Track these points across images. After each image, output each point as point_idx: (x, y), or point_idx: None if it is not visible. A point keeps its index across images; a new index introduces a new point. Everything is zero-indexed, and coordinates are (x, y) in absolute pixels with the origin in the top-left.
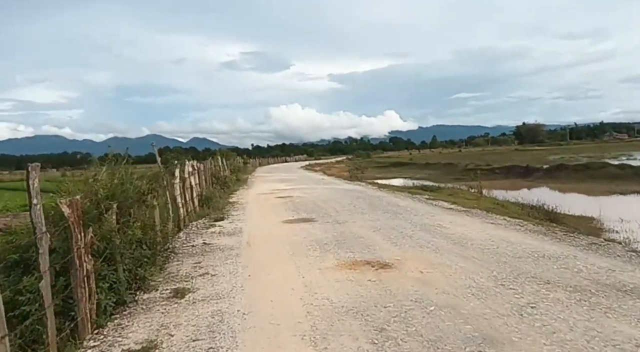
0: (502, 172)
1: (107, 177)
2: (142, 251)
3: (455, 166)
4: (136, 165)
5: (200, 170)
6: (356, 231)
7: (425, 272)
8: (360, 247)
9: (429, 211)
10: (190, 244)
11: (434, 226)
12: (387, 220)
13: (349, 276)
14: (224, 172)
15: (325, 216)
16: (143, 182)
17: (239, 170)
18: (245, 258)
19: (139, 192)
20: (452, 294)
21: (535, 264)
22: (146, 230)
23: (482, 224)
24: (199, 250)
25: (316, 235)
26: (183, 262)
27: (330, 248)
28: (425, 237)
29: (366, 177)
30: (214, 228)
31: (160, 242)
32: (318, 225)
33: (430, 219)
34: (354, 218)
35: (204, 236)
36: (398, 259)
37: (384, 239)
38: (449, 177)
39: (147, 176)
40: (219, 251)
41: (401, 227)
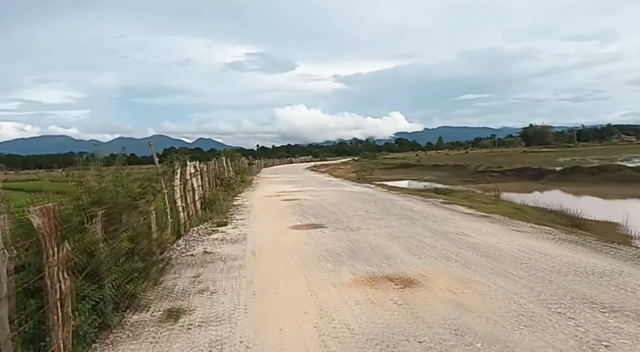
0: (513, 175)
1: (95, 180)
2: (133, 264)
3: (465, 168)
4: (141, 165)
5: (204, 172)
6: (371, 239)
7: (458, 292)
8: (378, 259)
9: (446, 216)
10: (189, 253)
11: (456, 234)
12: (403, 227)
13: (369, 295)
14: (229, 173)
15: (336, 222)
16: (135, 185)
17: (244, 171)
18: (250, 271)
19: (130, 197)
20: (498, 323)
21: (584, 282)
22: (139, 239)
23: (508, 231)
24: (199, 260)
25: (328, 244)
26: (180, 274)
27: (345, 260)
28: (449, 247)
29: (374, 178)
30: (216, 234)
31: (156, 252)
32: (329, 232)
33: (450, 225)
34: (367, 224)
35: (205, 243)
36: (423, 274)
37: (403, 249)
38: (458, 180)
39: (140, 179)
40: (221, 261)
41: (420, 236)
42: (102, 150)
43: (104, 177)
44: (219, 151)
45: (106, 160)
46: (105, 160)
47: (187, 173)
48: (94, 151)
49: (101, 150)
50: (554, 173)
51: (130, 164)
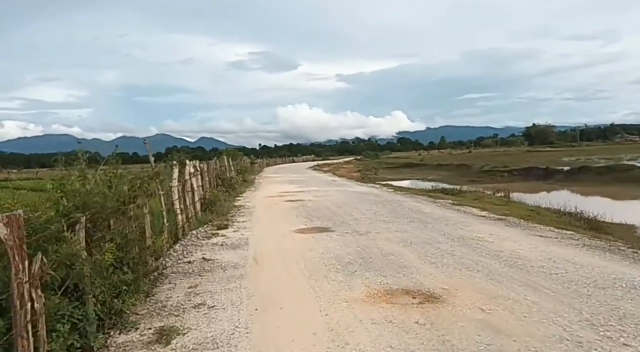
0: (520, 174)
1: (79, 182)
2: (122, 275)
3: (469, 168)
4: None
5: (204, 171)
6: (383, 245)
7: (487, 309)
8: (392, 269)
9: (460, 219)
10: (187, 260)
11: (474, 239)
12: (415, 231)
13: (386, 313)
14: (230, 173)
15: (343, 225)
16: (124, 188)
17: (245, 170)
18: (252, 281)
19: (119, 200)
20: (541, 351)
21: (628, 298)
22: (129, 247)
23: (528, 236)
24: (196, 268)
25: (336, 250)
26: (176, 285)
27: (356, 269)
28: (469, 255)
29: (378, 178)
30: (216, 238)
31: (149, 260)
32: (336, 236)
33: (465, 230)
34: (376, 228)
35: (204, 248)
36: (444, 287)
37: (419, 257)
38: (464, 179)
39: (131, 180)
40: (221, 269)
41: (435, 241)
42: (107, 149)
43: (87, 178)
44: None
45: (101, 159)
46: (102, 159)
47: (187, 173)
48: (78, 149)
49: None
50: (561, 173)
51: (133, 163)
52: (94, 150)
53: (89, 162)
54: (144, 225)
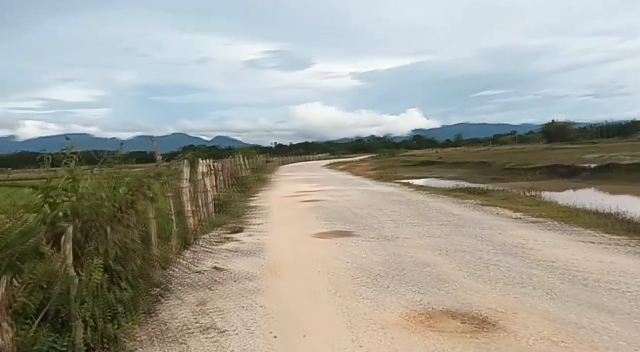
0: (544, 172)
1: (68, 185)
2: (119, 293)
3: (489, 165)
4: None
5: (217, 171)
6: (414, 253)
7: (560, 341)
8: (430, 283)
9: (494, 222)
10: (196, 270)
11: (516, 246)
12: (449, 236)
13: (433, 345)
14: (245, 172)
15: (367, 229)
16: (120, 191)
17: (260, 169)
18: (268, 297)
19: (115, 206)
20: None
21: None
22: (129, 258)
23: (577, 243)
24: (206, 279)
25: (362, 259)
26: (183, 300)
27: (388, 283)
28: (518, 266)
29: (395, 176)
30: (229, 243)
31: (153, 273)
32: (361, 242)
33: (504, 234)
34: (404, 232)
35: (216, 255)
36: (498, 309)
37: (459, 269)
38: (485, 178)
39: (127, 182)
40: (233, 281)
41: (474, 249)
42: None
43: (78, 181)
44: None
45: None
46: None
47: (199, 172)
48: (65, 147)
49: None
50: (587, 171)
51: (149, 162)
52: (111, 149)
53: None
54: (147, 232)
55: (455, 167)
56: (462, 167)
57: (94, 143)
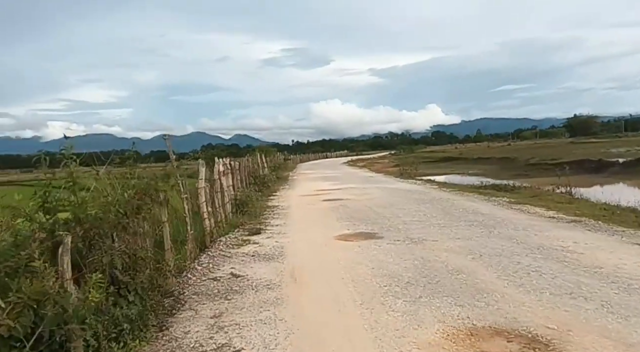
0: (570, 168)
1: (68, 189)
2: (126, 307)
3: (513, 161)
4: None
5: (235, 169)
6: (446, 258)
7: None
8: (468, 294)
9: (527, 222)
10: (213, 276)
11: (556, 249)
12: (481, 238)
13: None
14: (263, 170)
15: (392, 230)
16: (125, 195)
17: (279, 167)
18: (290, 310)
19: (120, 212)
20: None
21: None
22: (138, 268)
23: (623, 245)
24: (223, 288)
25: (389, 264)
26: (197, 312)
27: (419, 293)
28: (563, 273)
29: (417, 173)
30: (247, 246)
31: (165, 282)
32: (386, 245)
33: (541, 236)
34: (432, 234)
35: (234, 259)
36: (550, 325)
37: (497, 276)
38: (509, 173)
39: (133, 185)
40: (252, 290)
41: (511, 253)
42: (146, 147)
43: (78, 184)
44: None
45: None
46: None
47: (216, 171)
48: (67, 145)
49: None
50: (616, 165)
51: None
52: (133, 149)
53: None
54: (161, 237)
55: (477, 163)
56: (485, 163)
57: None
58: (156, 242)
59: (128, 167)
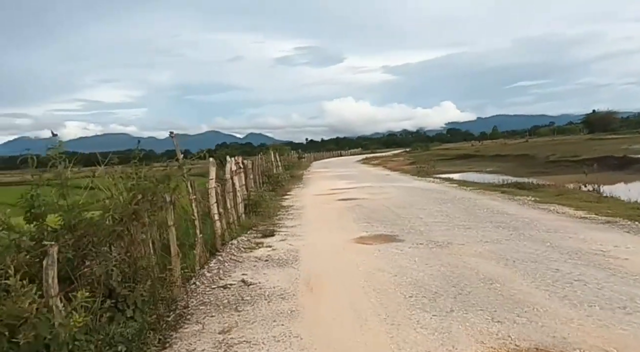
0: (592, 164)
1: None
2: (122, 326)
3: (532, 158)
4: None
5: (248, 168)
6: (475, 264)
7: None
8: (504, 307)
9: (558, 223)
10: (222, 283)
11: (596, 253)
12: (511, 241)
13: None
14: (277, 169)
15: (413, 232)
16: (120, 199)
17: (293, 166)
18: (305, 324)
19: (117, 218)
20: None
21: None
22: (138, 279)
23: None
24: (233, 297)
25: (412, 271)
26: (204, 326)
27: (450, 305)
28: (609, 283)
29: (433, 171)
30: (260, 250)
31: (170, 294)
32: (408, 249)
33: (575, 239)
34: (457, 237)
35: (245, 265)
36: (607, 348)
37: (536, 286)
38: (528, 171)
39: (130, 188)
40: (264, 300)
41: (546, 258)
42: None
43: (67, 187)
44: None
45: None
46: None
47: (227, 171)
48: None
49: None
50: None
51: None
52: (148, 148)
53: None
54: (170, 239)
55: (494, 160)
56: (502, 160)
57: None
58: (163, 247)
59: (133, 167)
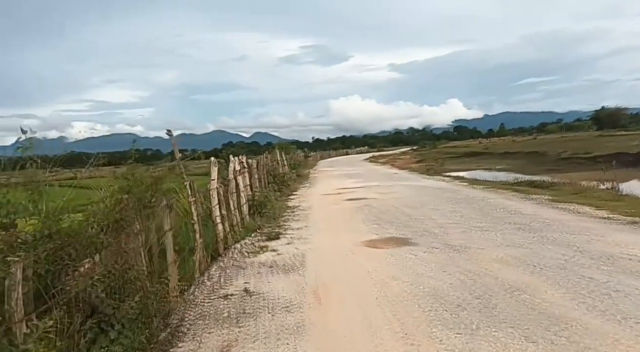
0: (606, 161)
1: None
2: (104, 349)
3: (543, 155)
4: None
5: (253, 168)
6: (497, 271)
7: None
8: (538, 324)
9: (580, 224)
10: (223, 293)
11: (630, 258)
12: (533, 244)
13: None
14: (283, 168)
15: (427, 235)
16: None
17: (299, 165)
18: (313, 345)
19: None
20: None
21: None
22: (124, 293)
23: None
24: (234, 309)
25: (429, 279)
26: (201, 343)
27: (475, 321)
28: None
29: (442, 169)
30: (264, 254)
31: (163, 307)
32: (422, 254)
33: (603, 242)
34: (474, 240)
35: (248, 271)
36: None
37: (570, 297)
38: (539, 168)
39: (112, 192)
40: (267, 313)
41: (575, 264)
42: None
43: (40, 193)
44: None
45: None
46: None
47: (231, 171)
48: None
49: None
50: None
51: (191, 159)
52: (155, 148)
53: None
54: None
55: (503, 158)
56: (512, 157)
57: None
58: (162, 252)
59: (128, 169)
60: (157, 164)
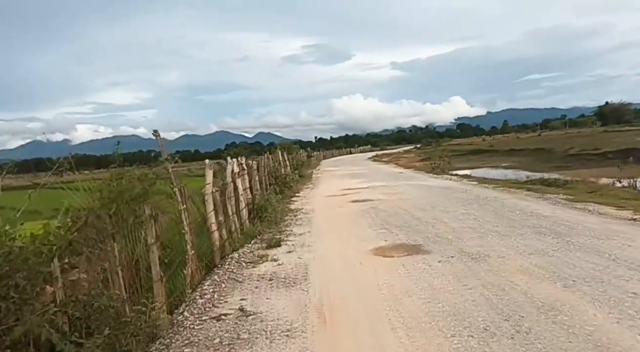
0: (616, 157)
1: None
2: None
3: (549, 152)
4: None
5: (253, 170)
6: (525, 284)
7: None
8: None
9: (605, 226)
10: (215, 314)
11: None
12: (559, 252)
13: None
14: (285, 169)
15: (440, 241)
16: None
17: (302, 165)
18: None
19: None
20: None
21: None
22: (98, 324)
23: None
24: (227, 334)
25: (448, 295)
26: None
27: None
28: None
29: (448, 168)
30: (263, 265)
31: (139, 339)
32: (438, 264)
33: (636, 248)
34: (493, 246)
35: (245, 285)
36: None
37: (616, 318)
38: (547, 165)
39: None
40: (265, 339)
41: (611, 276)
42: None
43: None
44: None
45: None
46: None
47: (228, 173)
48: None
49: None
50: None
51: (193, 161)
52: (158, 149)
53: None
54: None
55: (509, 155)
56: (518, 154)
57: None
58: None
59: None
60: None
